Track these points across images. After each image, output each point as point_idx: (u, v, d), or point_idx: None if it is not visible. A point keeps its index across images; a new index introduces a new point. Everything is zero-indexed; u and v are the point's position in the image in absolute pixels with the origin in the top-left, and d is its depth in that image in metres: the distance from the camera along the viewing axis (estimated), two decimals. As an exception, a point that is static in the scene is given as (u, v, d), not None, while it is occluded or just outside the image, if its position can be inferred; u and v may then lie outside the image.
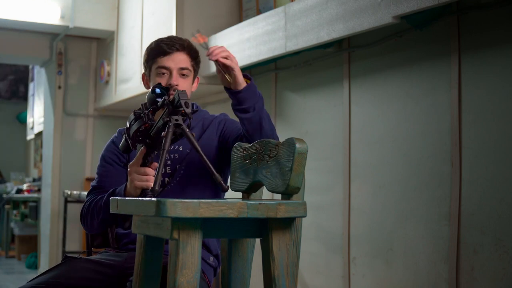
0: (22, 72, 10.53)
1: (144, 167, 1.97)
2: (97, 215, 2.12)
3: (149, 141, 1.91)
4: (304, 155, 1.66)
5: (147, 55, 2.23)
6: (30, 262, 7.19)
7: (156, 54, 2.19)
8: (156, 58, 2.19)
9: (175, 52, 2.19)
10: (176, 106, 1.71)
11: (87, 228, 2.20)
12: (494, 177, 2.41)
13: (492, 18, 2.46)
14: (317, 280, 3.37)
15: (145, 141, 1.90)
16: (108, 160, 2.24)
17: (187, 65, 2.20)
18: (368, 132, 3.07)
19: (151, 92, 1.84)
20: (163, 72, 2.17)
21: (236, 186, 1.90)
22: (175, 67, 2.17)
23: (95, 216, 2.12)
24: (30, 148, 10.08)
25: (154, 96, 1.80)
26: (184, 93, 1.70)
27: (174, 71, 2.17)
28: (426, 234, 2.69)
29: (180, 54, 2.20)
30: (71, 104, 6.02)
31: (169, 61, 2.17)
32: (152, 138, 1.89)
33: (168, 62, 2.17)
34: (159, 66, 2.18)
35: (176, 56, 2.19)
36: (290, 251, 1.61)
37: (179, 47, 2.20)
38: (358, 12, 2.75)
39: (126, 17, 5.16)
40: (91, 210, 2.14)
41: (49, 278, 1.99)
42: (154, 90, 1.83)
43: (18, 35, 5.83)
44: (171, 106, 1.73)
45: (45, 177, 6.27)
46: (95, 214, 2.12)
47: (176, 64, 2.18)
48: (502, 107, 2.40)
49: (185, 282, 1.49)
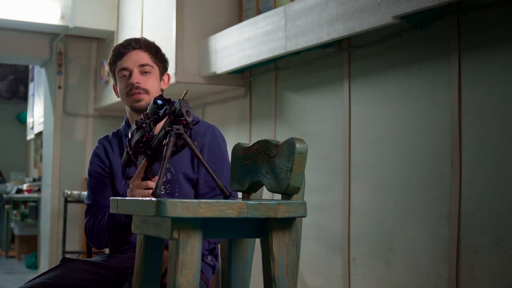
0: (22, 72, 10.53)
1: (146, 180, 1.94)
2: (103, 236, 2.12)
3: (150, 152, 1.87)
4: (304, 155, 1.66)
5: (109, 64, 2.24)
6: (30, 262, 7.19)
7: (115, 58, 2.20)
8: (116, 62, 2.20)
9: (131, 51, 2.18)
10: (178, 115, 1.70)
11: (96, 246, 2.20)
12: (494, 177, 2.41)
13: (492, 18, 2.46)
14: (317, 280, 3.37)
15: (146, 152, 1.87)
16: (94, 175, 2.22)
17: (147, 61, 2.18)
18: (368, 132, 3.06)
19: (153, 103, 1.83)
20: (124, 74, 2.17)
21: (236, 186, 1.90)
22: (134, 66, 2.16)
23: (102, 238, 2.13)
24: (30, 148, 10.08)
25: (155, 107, 1.79)
26: (186, 103, 1.68)
27: (134, 69, 2.16)
28: (426, 234, 2.69)
29: (136, 52, 2.18)
30: (71, 104, 6.02)
31: (127, 61, 2.17)
32: (153, 149, 1.86)
33: (126, 62, 2.17)
34: (119, 69, 2.18)
35: (133, 54, 2.18)
36: (290, 251, 1.61)
37: (135, 45, 2.19)
38: (358, 12, 2.75)
39: (126, 17, 5.16)
40: (95, 232, 2.14)
41: (46, 279, 1.99)
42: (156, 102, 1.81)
43: (18, 35, 5.83)
44: (172, 116, 1.70)
45: (45, 177, 6.27)
46: (101, 235, 2.12)
47: (134, 63, 2.17)
48: (502, 107, 2.40)
49: (185, 282, 1.49)
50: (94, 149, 2.27)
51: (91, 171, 2.24)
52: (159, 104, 1.77)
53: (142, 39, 2.23)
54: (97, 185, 2.21)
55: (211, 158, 2.13)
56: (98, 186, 2.21)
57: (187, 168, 2.16)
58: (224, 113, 4.43)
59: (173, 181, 2.14)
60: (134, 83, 2.14)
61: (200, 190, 2.17)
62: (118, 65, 2.19)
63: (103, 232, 2.11)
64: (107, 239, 2.12)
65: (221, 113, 4.47)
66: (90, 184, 2.23)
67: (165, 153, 1.66)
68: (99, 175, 2.21)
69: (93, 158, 2.26)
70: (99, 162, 2.23)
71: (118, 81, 2.21)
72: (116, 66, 2.20)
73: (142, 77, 2.16)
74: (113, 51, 2.22)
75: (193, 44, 4.09)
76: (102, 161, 2.23)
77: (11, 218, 8.40)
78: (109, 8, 5.39)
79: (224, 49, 3.83)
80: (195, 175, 2.17)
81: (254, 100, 4.11)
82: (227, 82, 4.13)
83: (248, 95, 4.15)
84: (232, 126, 4.29)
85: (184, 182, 2.15)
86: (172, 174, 2.14)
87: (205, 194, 2.17)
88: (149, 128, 1.83)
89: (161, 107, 1.77)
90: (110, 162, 2.22)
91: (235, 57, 3.71)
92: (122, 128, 2.29)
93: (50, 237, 5.94)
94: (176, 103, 1.68)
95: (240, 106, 4.25)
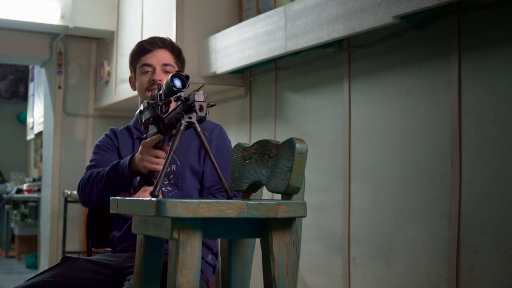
0: (22, 72, 10.53)
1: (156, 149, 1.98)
2: (97, 186, 2.10)
3: (162, 127, 1.88)
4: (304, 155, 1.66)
5: (131, 57, 2.30)
6: (30, 262, 7.19)
7: (139, 53, 2.26)
8: (140, 57, 2.26)
9: (157, 49, 2.25)
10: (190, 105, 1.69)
11: (84, 200, 2.17)
12: (494, 177, 2.41)
13: (492, 18, 2.46)
14: (317, 280, 3.37)
15: (159, 125, 1.89)
16: (103, 148, 2.27)
17: (170, 62, 2.25)
18: (368, 132, 3.07)
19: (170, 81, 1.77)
20: (146, 69, 2.24)
21: (236, 186, 1.90)
22: (157, 64, 2.23)
23: (95, 186, 2.11)
24: (30, 148, 10.09)
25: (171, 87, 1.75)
26: (201, 95, 1.66)
27: (157, 67, 2.23)
28: (426, 234, 2.69)
29: (162, 51, 2.25)
30: (71, 104, 6.02)
31: (152, 58, 2.24)
32: (164, 125, 1.87)
33: (151, 59, 2.24)
34: (142, 64, 2.25)
35: (158, 53, 2.25)
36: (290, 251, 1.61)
37: (161, 44, 2.26)
38: (358, 12, 2.75)
39: (126, 17, 5.16)
40: (91, 180, 2.12)
41: (46, 278, 1.99)
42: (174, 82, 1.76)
43: (18, 35, 5.83)
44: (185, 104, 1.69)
45: (45, 177, 6.27)
46: (95, 184, 2.11)
47: (158, 61, 2.24)
48: (502, 107, 2.40)
49: (185, 282, 1.49)
50: (105, 134, 2.33)
51: (100, 145, 2.28)
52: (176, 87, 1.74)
53: (168, 40, 2.30)
54: (104, 156, 2.24)
55: (218, 154, 2.14)
56: (104, 156, 2.24)
57: (193, 160, 2.20)
58: (224, 113, 4.43)
59: (178, 172, 2.17)
60: (156, 80, 2.20)
61: (206, 183, 2.21)
62: (142, 60, 2.26)
63: (99, 181, 2.09)
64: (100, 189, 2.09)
65: (221, 113, 4.46)
66: (95, 155, 2.25)
67: (171, 146, 1.65)
68: (108, 149, 2.26)
69: (103, 138, 2.31)
70: (110, 141, 2.28)
71: (139, 74, 2.27)
72: (138, 61, 2.27)
73: (164, 75, 2.22)
74: (137, 46, 2.29)
75: (193, 44, 4.10)
76: (112, 141, 2.28)
77: (11, 218, 8.40)
78: (109, 8, 5.39)
79: (224, 49, 3.83)
80: (201, 168, 2.21)
81: (254, 100, 4.11)
82: (227, 82, 4.13)
83: (248, 95, 4.15)
84: (232, 126, 4.29)
85: (189, 174, 2.18)
86: (177, 166, 2.18)
87: (211, 186, 2.20)
88: (161, 111, 1.84)
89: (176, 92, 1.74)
90: (118, 150, 2.28)
91: (235, 57, 3.71)
92: (133, 123, 2.35)
93: (50, 237, 5.94)
94: (191, 94, 1.67)
95: (240, 106, 4.25)
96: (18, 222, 8.11)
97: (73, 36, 5.88)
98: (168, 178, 2.16)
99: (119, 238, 2.18)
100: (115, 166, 2.07)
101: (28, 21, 5.39)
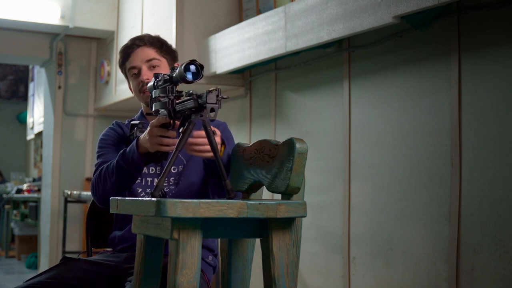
0: (22, 72, 10.53)
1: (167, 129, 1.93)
2: (110, 178, 2.06)
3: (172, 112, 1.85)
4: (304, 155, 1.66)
5: (119, 65, 2.31)
6: (30, 262, 7.19)
7: (123, 59, 2.27)
8: (125, 63, 2.26)
9: (137, 49, 2.24)
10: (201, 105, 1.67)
11: (99, 197, 2.10)
12: (494, 177, 2.41)
13: (492, 18, 2.46)
14: (317, 280, 3.37)
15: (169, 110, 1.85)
16: (109, 141, 2.23)
17: (153, 56, 2.23)
18: (368, 132, 3.07)
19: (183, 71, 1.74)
20: (134, 72, 2.23)
21: (236, 186, 1.90)
22: (141, 63, 2.22)
23: (108, 180, 2.06)
24: (30, 148, 10.09)
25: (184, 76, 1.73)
26: (213, 96, 1.64)
27: (142, 66, 2.22)
28: (426, 234, 2.69)
29: (141, 49, 2.24)
30: (71, 104, 6.02)
31: (134, 59, 2.23)
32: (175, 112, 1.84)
33: (134, 60, 2.23)
34: (129, 69, 2.25)
35: (139, 51, 2.23)
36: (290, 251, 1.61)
37: (139, 43, 2.25)
38: (358, 12, 2.75)
39: (126, 17, 5.16)
40: (102, 175, 2.08)
41: (45, 279, 1.99)
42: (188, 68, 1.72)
43: (18, 35, 5.83)
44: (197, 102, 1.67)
45: (45, 177, 6.27)
46: (107, 179, 2.06)
47: (141, 60, 2.22)
48: (502, 107, 2.40)
49: (185, 282, 1.49)
50: (109, 127, 2.30)
51: (105, 139, 2.24)
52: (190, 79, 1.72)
53: (145, 35, 2.29)
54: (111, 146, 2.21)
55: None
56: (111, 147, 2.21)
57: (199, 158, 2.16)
58: (224, 113, 4.43)
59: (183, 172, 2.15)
60: (144, 80, 2.19)
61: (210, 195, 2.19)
62: (127, 65, 2.25)
63: (111, 174, 2.05)
64: (114, 180, 2.04)
65: (221, 113, 4.45)
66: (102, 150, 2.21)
67: (177, 145, 1.64)
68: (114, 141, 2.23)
69: (108, 131, 2.28)
70: (115, 134, 2.26)
71: (130, 80, 2.27)
72: (125, 67, 2.27)
73: (151, 73, 2.20)
74: (120, 53, 2.29)
75: (193, 44, 4.10)
76: (117, 134, 2.26)
77: (11, 218, 8.40)
78: (109, 8, 5.39)
79: (224, 49, 3.83)
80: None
81: (254, 100, 4.11)
82: (227, 82, 4.13)
83: (248, 95, 4.15)
84: (232, 126, 4.29)
85: (194, 173, 2.15)
86: (184, 165, 2.15)
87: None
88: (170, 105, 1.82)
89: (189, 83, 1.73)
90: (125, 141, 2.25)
91: (235, 57, 3.71)
92: (137, 118, 2.32)
93: (50, 237, 5.94)
94: (204, 95, 1.65)
95: (240, 106, 4.25)
96: (18, 222, 8.11)
97: (73, 36, 5.88)
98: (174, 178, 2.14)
99: (120, 238, 2.17)
100: (123, 154, 2.04)
101: (28, 21, 5.39)
